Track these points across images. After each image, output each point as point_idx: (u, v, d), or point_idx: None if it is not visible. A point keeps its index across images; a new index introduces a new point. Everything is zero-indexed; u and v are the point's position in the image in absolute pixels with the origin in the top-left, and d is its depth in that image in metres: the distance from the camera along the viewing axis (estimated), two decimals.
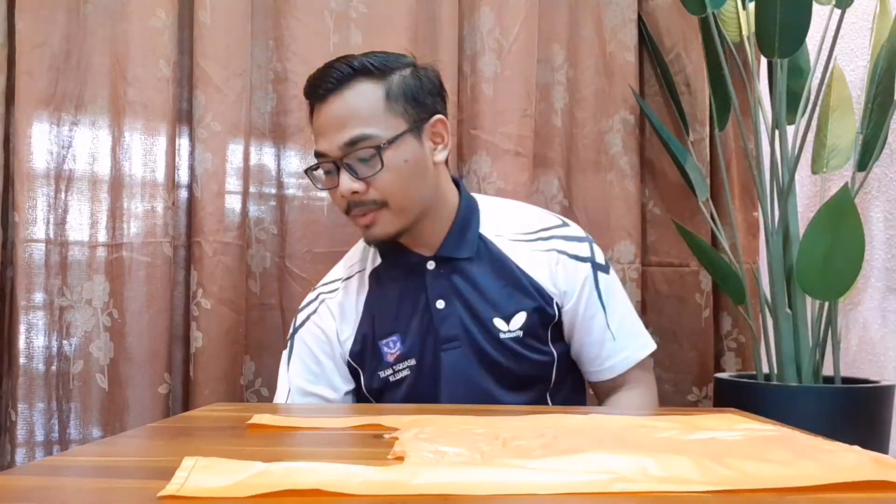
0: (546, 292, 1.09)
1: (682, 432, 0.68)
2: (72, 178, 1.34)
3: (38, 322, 1.30)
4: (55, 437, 1.30)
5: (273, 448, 0.66)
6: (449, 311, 1.08)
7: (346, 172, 1.02)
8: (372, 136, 1.01)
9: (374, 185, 1.02)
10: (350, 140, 1.01)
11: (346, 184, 1.02)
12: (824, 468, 0.52)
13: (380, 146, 1.01)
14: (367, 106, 1.03)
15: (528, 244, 1.11)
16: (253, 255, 1.42)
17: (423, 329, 1.08)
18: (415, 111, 1.05)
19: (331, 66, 1.05)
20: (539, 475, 0.49)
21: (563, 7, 1.53)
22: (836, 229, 1.17)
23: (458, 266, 1.09)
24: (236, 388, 1.36)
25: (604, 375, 1.12)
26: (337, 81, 1.03)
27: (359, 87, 1.03)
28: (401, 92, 1.04)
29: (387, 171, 1.01)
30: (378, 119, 1.02)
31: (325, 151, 1.04)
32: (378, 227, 1.05)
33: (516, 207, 1.20)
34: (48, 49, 1.32)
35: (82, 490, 0.51)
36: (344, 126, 1.02)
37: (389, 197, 1.03)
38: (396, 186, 1.03)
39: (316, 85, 1.05)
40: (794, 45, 1.28)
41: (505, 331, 1.07)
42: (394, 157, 1.02)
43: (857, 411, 1.22)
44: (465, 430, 0.68)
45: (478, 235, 1.11)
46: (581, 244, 1.12)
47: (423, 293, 1.09)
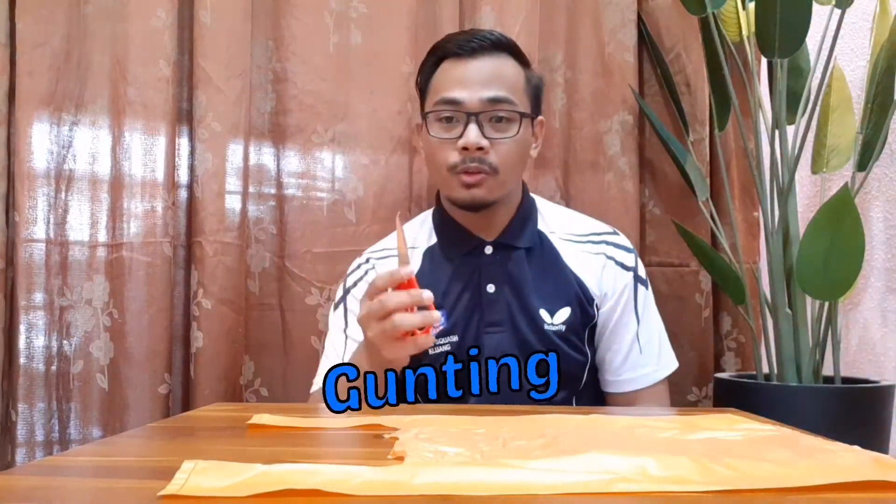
0: (590, 293, 1.12)
1: (682, 432, 0.68)
2: (72, 178, 1.34)
3: (39, 322, 1.30)
4: (55, 437, 1.30)
5: (273, 448, 0.66)
6: (498, 296, 1.11)
7: (477, 126, 1.05)
8: (515, 102, 1.08)
9: (496, 148, 1.07)
10: (496, 97, 1.06)
11: (476, 136, 1.05)
12: (824, 468, 0.52)
13: (522, 113, 1.08)
14: (514, 78, 1.10)
15: (579, 245, 1.15)
16: (252, 255, 1.42)
17: (470, 309, 1.11)
18: (534, 105, 1.13)
19: (479, 30, 1.12)
20: (539, 475, 0.49)
21: (563, 7, 1.53)
22: (836, 229, 1.17)
23: (513, 255, 1.13)
24: (236, 388, 1.36)
25: (623, 387, 1.14)
26: (492, 44, 1.09)
27: (508, 60, 1.10)
28: (533, 83, 1.13)
29: (512, 142, 1.07)
30: (519, 93, 1.10)
31: (462, 99, 1.07)
32: (481, 189, 1.08)
33: (570, 211, 1.27)
34: (48, 49, 1.32)
35: (82, 490, 0.51)
36: (492, 83, 1.07)
37: (503, 165, 1.08)
38: (513, 158, 1.09)
39: (463, 42, 1.10)
40: (794, 45, 1.28)
41: (549, 323, 1.10)
42: (522, 132, 1.09)
43: (857, 411, 1.22)
44: (465, 430, 0.68)
45: (536, 230, 1.15)
46: (628, 254, 1.16)
47: (477, 275, 1.12)
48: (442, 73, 1.10)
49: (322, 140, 1.43)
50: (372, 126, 1.43)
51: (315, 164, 1.43)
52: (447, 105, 1.07)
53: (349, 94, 1.43)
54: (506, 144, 1.06)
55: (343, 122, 1.43)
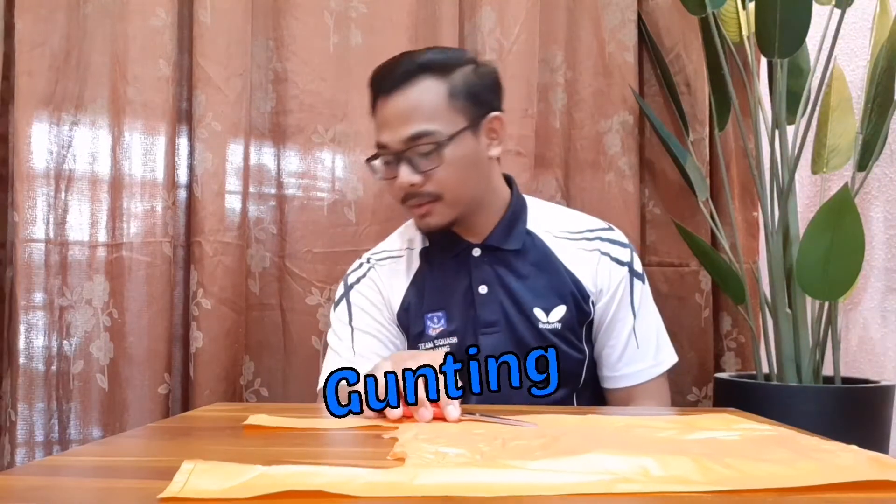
0: (585, 290, 1.12)
1: (681, 432, 0.68)
2: (72, 178, 1.34)
3: (38, 322, 1.30)
4: (55, 437, 1.30)
5: (273, 448, 0.66)
6: (491, 296, 1.11)
7: (406, 165, 1.06)
8: (433, 132, 1.05)
9: (431, 178, 1.06)
10: (412, 135, 1.05)
11: (406, 176, 1.06)
12: (824, 468, 0.52)
13: (440, 143, 1.05)
14: (430, 102, 1.07)
15: (574, 242, 1.15)
16: (252, 254, 1.42)
17: (465, 311, 1.12)
18: (474, 108, 1.09)
19: (397, 60, 1.09)
20: (541, 476, 0.49)
21: (563, 7, 1.53)
22: (836, 229, 1.17)
23: (503, 256, 1.13)
24: (236, 388, 1.36)
25: (621, 383, 1.13)
26: (403, 77, 1.07)
27: (423, 84, 1.07)
28: (463, 90, 1.08)
29: (445, 167, 1.06)
30: (440, 116, 1.06)
31: (386, 143, 1.08)
32: (432, 217, 1.09)
33: (564, 209, 1.26)
34: (48, 49, 1.32)
35: (82, 490, 0.51)
36: (407, 121, 1.06)
37: (445, 190, 1.07)
38: (452, 181, 1.07)
39: (382, 78, 1.09)
40: (794, 45, 1.28)
41: (544, 321, 1.10)
42: (452, 153, 1.06)
43: (857, 411, 1.22)
44: (464, 431, 0.68)
45: (525, 230, 1.15)
46: (623, 249, 1.16)
47: (468, 277, 1.13)
48: (376, 112, 1.12)
49: (322, 140, 1.43)
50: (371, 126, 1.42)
51: (315, 164, 1.43)
52: (380, 149, 1.10)
53: (349, 94, 1.43)
54: (438, 172, 1.06)
55: (343, 121, 1.43)
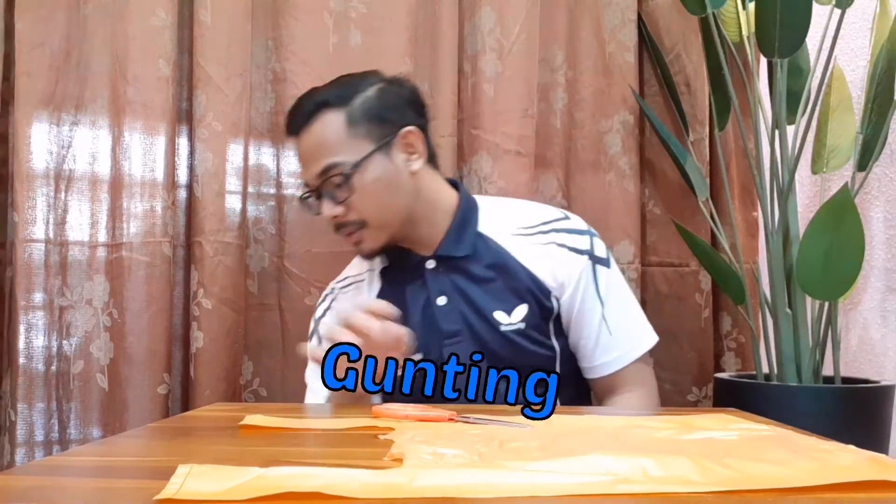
0: (545, 285, 1.11)
1: (679, 432, 0.68)
2: (72, 178, 1.34)
3: (38, 322, 1.30)
4: (55, 437, 1.30)
5: (271, 449, 0.66)
6: (450, 307, 1.11)
7: (326, 199, 1.10)
8: (339, 163, 1.08)
9: (351, 207, 1.09)
10: (321, 170, 1.09)
11: (327, 210, 1.10)
12: (823, 468, 0.52)
13: (345, 173, 1.07)
14: (331, 135, 1.09)
15: (529, 238, 1.13)
16: (251, 254, 1.42)
17: (427, 325, 1.11)
18: (380, 129, 1.10)
19: (298, 102, 1.14)
20: (541, 477, 0.49)
21: (564, 8, 1.53)
22: (836, 229, 1.16)
23: (457, 264, 1.12)
24: (236, 388, 1.36)
25: (600, 372, 1.12)
26: (304, 117, 1.11)
27: (323, 119, 1.10)
28: (362, 115, 1.09)
29: (359, 194, 1.08)
30: (343, 146, 1.08)
31: (307, 181, 1.13)
32: (365, 243, 1.12)
33: (518, 204, 1.24)
34: (48, 49, 1.32)
35: (82, 490, 0.51)
36: (315, 157, 1.10)
37: (367, 216, 1.10)
38: (372, 205, 1.09)
39: (289, 121, 1.14)
40: (794, 45, 1.27)
41: (506, 323, 1.09)
42: (363, 179, 1.08)
43: (857, 411, 1.22)
44: (461, 432, 0.68)
45: (476, 234, 1.14)
46: (581, 237, 1.14)
47: (425, 290, 1.12)
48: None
49: None
50: None
51: None
52: (305, 188, 1.15)
53: None
54: (357, 199, 1.08)
55: None
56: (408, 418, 0.76)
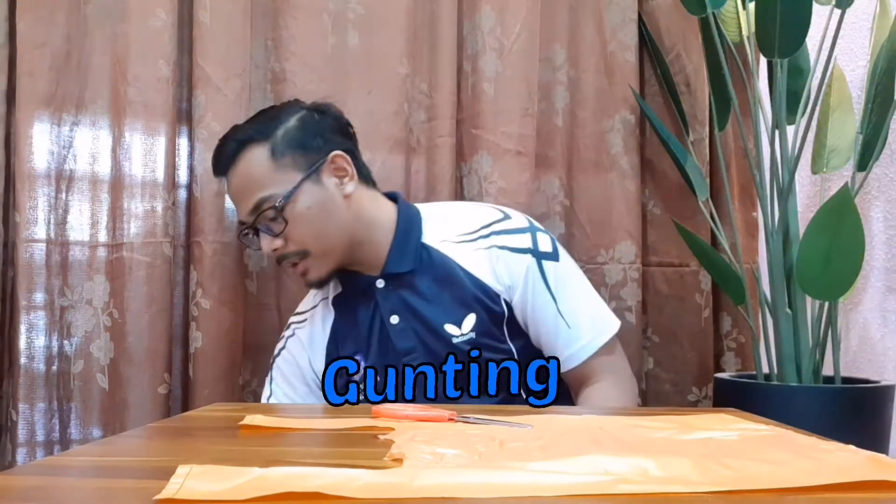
0: (491, 290, 1.10)
1: (679, 432, 0.68)
2: (72, 179, 1.34)
3: (39, 322, 1.30)
4: (56, 437, 1.30)
5: (271, 448, 0.66)
6: (403, 325, 1.11)
7: (263, 234, 1.10)
8: (269, 196, 1.08)
9: (289, 238, 1.09)
10: (252, 207, 1.09)
11: (266, 245, 1.10)
12: (823, 468, 0.52)
13: (276, 206, 1.07)
14: (257, 171, 1.10)
15: (470, 244, 1.12)
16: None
17: (382, 345, 1.12)
18: (305, 158, 1.10)
19: (221, 143, 1.14)
20: (541, 477, 0.49)
21: (564, 7, 1.53)
22: (836, 229, 1.16)
23: (405, 280, 1.12)
24: (236, 388, 1.36)
25: (567, 366, 1.10)
26: (229, 156, 1.11)
27: (247, 156, 1.10)
28: (286, 145, 1.10)
29: (294, 224, 1.08)
30: (271, 179, 1.09)
31: (242, 219, 1.13)
32: (311, 273, 1.12)
33: (459, 209, 1.23)
34: (49, 49, 1.32)
35: (82, 490, 0.51)
36: (245, 195, 1.10)
37: (307, 245, 1.10)
38: (309, 234, 1.09)
39: (216, 161, 1.15)
40: (794, 45, 1.27)
41: (457, 335, 1.09)
42: (296, 210, 1.08)
43: (857, 411, 1.22)
44: (460, 432, 0.68)
45: (419, 246, 1.13)
46: (521, 235, 1.13)
47: (378, 311, 1.12)
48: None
49: None
50: (369, 126, 1.42)
51: None
52: (241, 225, 1.15)
53: (346, 95, 1.42)
54: (291, 229, 1.08)
55: None
56: (408, 418, 0.76)
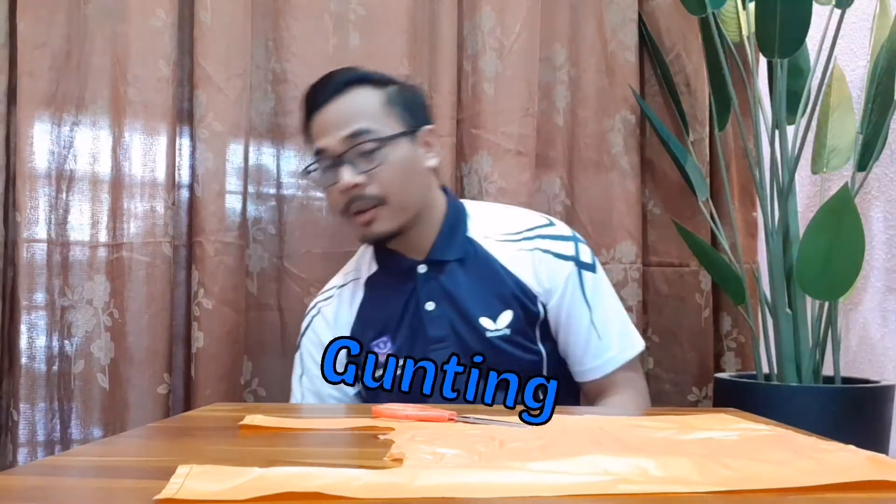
0: (530, 291, 1.11)
1: (679, 433, 0.68)
2: (73, 179, 1.34)
3: (40, 322, 1.31)
4: (56, 436, 1.30)
5: (271, 448, 0.66)
6: (438, 312, 1.11)
7: (348, 167, 1.06)
8: (373, 130, 1.06)
9: (374, 179, 1.06)
10: (352, 133, 1.06)
11: (348, 177, 1.06)
12: (823, 468, 0.52)
13: (382, 139, 1.06)
14: (368, 106, 1.09)
15: (514, 244, 1.13)
16: (251, 255, 1.42)
17: (413, 330, 1.11)
18: (409, 118, 1.11)
19: (331, 75, 1.12)
20: (542, 477, 0.49)
21: (565, 6, 1.53)
22: (836, 229, 1.16)
23: (448, 268, 1.12)
24: (237, 388, 1.36)
25: (590, 376, 1.12)
26: (340, 86, 1.09)
27: (359, 91, 1.10)
28: (398, 100, 1.11)
29: (386, 167, 1.06)
30: (378, 118, 1.08)
31: (326, 147, 1.08)
32: (377, 223, 1.08)
33: (503, 209, 1.24)
34: (49, 49, 1.32)
35: (82, 490, 0.51)
36: (346, 122, 1.07)
37: (389, 192, 1.07)
38: (396, 182, 1.07)
39: (318, 91, 1.11)
40: (794, 45, 1.28)
41: (492, 329, 1.09)
42: (392, 154, 1.07)
43: (857, 411, 1.22)
44: (460, 432, 0.68)
45: (466, 238, 1.14)
46: (566, 243, 1.14)
47: (414, 296, 1.12)
48: (310, 127, 1.13)
49: None
50: None
51: None
52: (318, 156, 1.10)
53: None
54: (381, 172, 1.06)
55: None
56: (408, 418, 0.76)
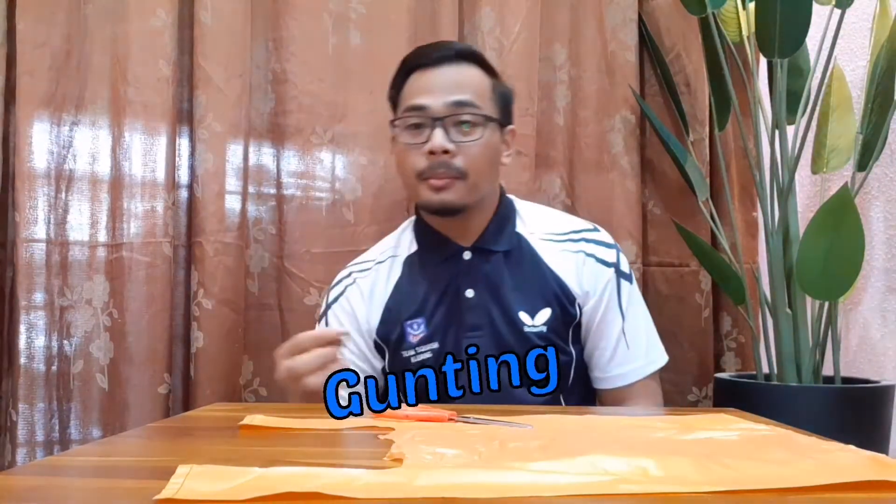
0: (570, 292, 1.11)
1: (679, 433, 0.68)
2: (72, 178, 1.34)
3: (39, 322, 1.30)
4: (55, 437, 1.30)
5: (271, 449, 0.66)
6: (478, 300, 1.11)
7: (442, 130, 1.06)
8: (479, 106, 1.08)
9: (463, 152, 1.07)
10: (459, 101, 1.07)
11: (442, 140, 1.06)
12: (824, 468, 0.52)
13: (487, 116, 1.08)
14: (478, 84, 1.11)
15: (559, 244, 1.14)
16: (251, 255, 1.42)
17: (450, 315, 1.11)
18: (502, 112, 1.13)
19: (448, 42, 1.15)
20: (541, 477, 0.49)
21: (565, 6, 1.53)
22: (836, 229, 1.17)
23: (493, 259, 1.13)
24: (236, 388, 1.36)
25: (612, 383, 1.13)
26: (457, 54, 1.11)
27: (473, 68, 1.12)
28: (500, 92, 1.13)
29: (478, 145, 1.08)
30: (485, 99, 1.10)
31: (427, 105, 1.08)
32: (450, 192, 1.08)
33: (550, 210, 1.26)
34: (48, 49, 1.32)
35: (82, 490, 0.51)
36: (456, 89, 1.08)
37: (471, 168, 1.08)
38: (481, 162, 1.09)
39: (430, 51, 1.12)
40: (794, 45, 1.28)
41: (529, 325, 1.09)
42: (486, 136, 1.08)
43: (857, 411, 1.22)
44: (460, 432, 0.68)
45: (514, 232, 1.15)
46: (609, 250, 1.15)
47: (456, 281, 1.12)
48: (409, 83, 1.12)
49: (321, 140, 1.43)
50: (371, 126, 1.42)
51: (314, 165, 1.43)
52: (414, 111, 1.08)
53: (348, 95, 1.43)
54: (473, 148, 1.07)
55: (342, 122, 1.43)
56: (408, 418, 0.76)
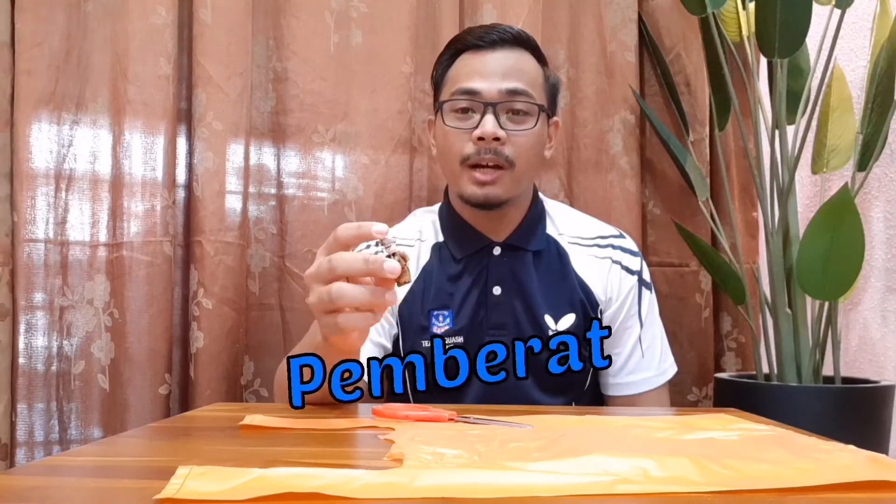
0: (594, 297, 1.11)
1: (679, 433, 0.68)
2: (72, 178, 1.34)
3: (39, 322, 1.30)
4: (55, 437, 1.30)
5: (271, 449, 0.66)
6: (504, 298, 1.09)
7: (493, 117, 1.03)
8: (534, 96, 1.06)
9: (513, 141, 1.05)
10: (515, 89, 1.05)
11: (493, 126, 1.03)
12: (823, 468, 0.52)
13: (540, 105, 1.06)
14: (533, 73, 1.08)
15: (586, 248, 1.14)
16: (252, 254, 1.42)
17: (475, 310, 1.09)
18: (550, 103, 1.12)
19: (502, 26, 1.10)
20: (541, 477, 0.49)
21: (565, 6, 1.53)
22: (836, 229, 1.17)
23: (522, 257, 1.11)
24: (237, 388, 1.36)
25: (622, 391, 1.13)
26: (513, 38, 1.08)
27: (528, 56, 1.09)
28: (551, 82, 1.12)
29: (528, 135, 1.05)
30: (538, 88, 1.08)
31: (480, 90, 1.05)
32: (497, 186, 1.05)
33: (577, 212, 1.25)
34: (48, 48, 1.31)
35: (82, 490, 0.51)
36: (511, 75, 1.05)
37: (520, 158, 1.05)
38: (529, 152, 1.07)
39: (486, 32, 1.08)
40: (794, 45, 1.28)
41: (553, 329, 1.08)
42: (535, 127, 1.06)
43: (857, 411, 1.22)
44: (460, 433, 0.68)
45: (545, 233, 1.14)
46: (634, 258, 1.15)
47: (484, 276, 1.10)
48: (460, 64, 1.08)
49: (322, 140, 1.43)
50: (372, 126, 1.43)
51: (315, 164, 1.43)
52: (465, 95, 1.05)
53: (350, 94, 1.43)
54: (523, 137, 1.04)
55: (343, 121, 1.43)
56: (408, 418, 0.76)
